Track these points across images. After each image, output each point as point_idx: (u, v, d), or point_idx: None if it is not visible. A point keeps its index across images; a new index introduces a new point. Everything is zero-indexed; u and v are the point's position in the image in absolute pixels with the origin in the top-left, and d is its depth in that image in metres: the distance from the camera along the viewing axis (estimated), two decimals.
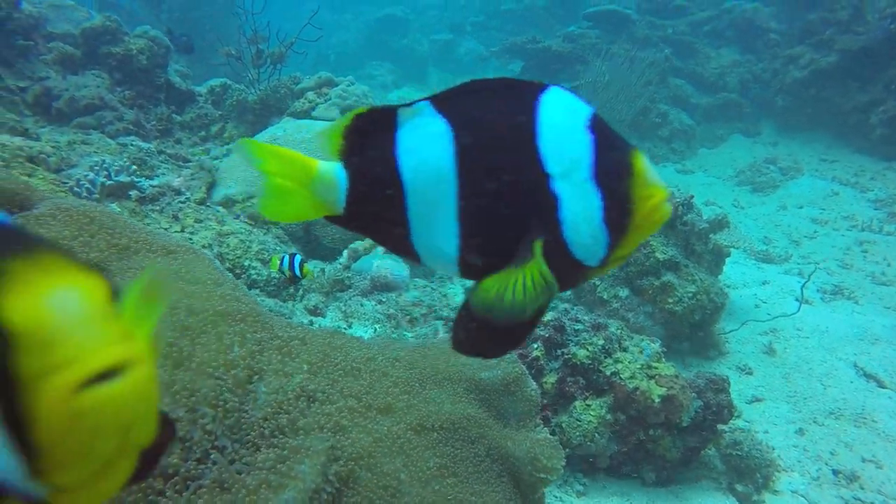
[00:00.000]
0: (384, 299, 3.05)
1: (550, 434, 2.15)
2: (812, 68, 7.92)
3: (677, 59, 10.07)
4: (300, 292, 3.26)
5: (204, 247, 3.02)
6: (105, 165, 2.81)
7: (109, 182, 2.71)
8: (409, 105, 0.82)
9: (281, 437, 1.54)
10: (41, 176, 2.84)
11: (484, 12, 16.26)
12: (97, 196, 2.69)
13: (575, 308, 2.68)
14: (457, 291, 3.68)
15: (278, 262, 2.63)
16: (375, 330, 2.88)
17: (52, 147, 3.67)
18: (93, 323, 0.43)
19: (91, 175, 2.66)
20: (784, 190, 7.21)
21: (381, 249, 3.51)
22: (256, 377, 1.65)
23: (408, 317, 2.96)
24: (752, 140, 9.45)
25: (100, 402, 0.42)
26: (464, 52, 15.73)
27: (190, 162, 4.60)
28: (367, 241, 3.56)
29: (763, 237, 5.97)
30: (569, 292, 4.21)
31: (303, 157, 0.90)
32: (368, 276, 3.12)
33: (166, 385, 1.49)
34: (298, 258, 2.77)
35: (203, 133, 5.27)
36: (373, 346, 2.08)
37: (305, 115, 4.67)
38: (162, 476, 1.29)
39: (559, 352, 2.48)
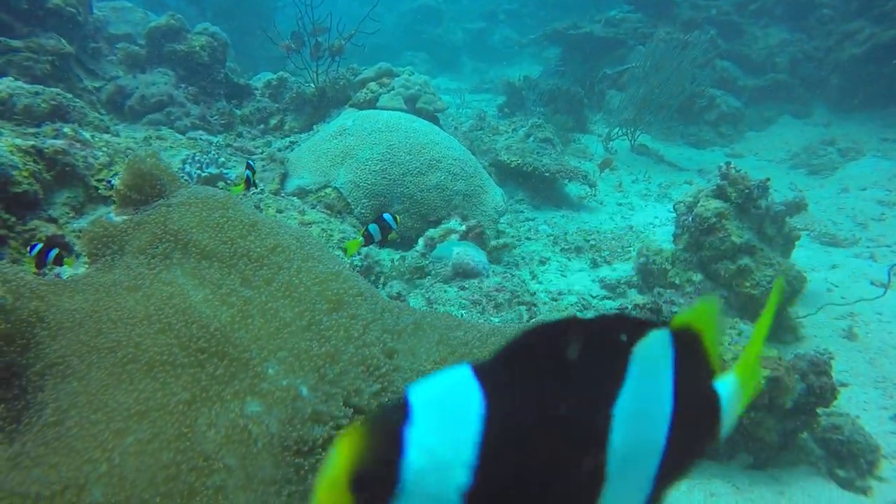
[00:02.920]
0: (466, 285, 3.07)
1: None
2: (872, 43, 7.61)
3: (722, 41, 9.80)
4: (381, 280, 3.30)
5: None
6: (196, 159, 2.89)
7: (203, 174, 2.79)
8: None
9: None
10: None
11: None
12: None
13: (668, 291, 2.65)
14: (547, 278, 3.68)
15: (360, 239, 2.66)
16: (462, 316, 2.90)
17: (134, 143, 3.79)
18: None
19: (188, 168, 2.74)
20: (844, 172, 6.97)
21: (456, 236, 3.53)
22: (394, 370, 1.69)
23: (493, 302, 2.97)
24: (803, 122, 9.17)
25: None
26: (497, 40, 15.61)
27: (254, 154, 4.70)
28: (442, 229, 3.59)
29: (827, 221, 5.80)
30: (635, 275, 4.17)
31: None
32: (450, 263, 3.14)
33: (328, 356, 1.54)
34: (387, 217, 2.75)
35: (262, 126, 5.36)
36: (482, 327, 2.11)
37: (369, 105, 4.70)
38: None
39: None
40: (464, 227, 3.56)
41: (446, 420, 0.53)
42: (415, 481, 0.51)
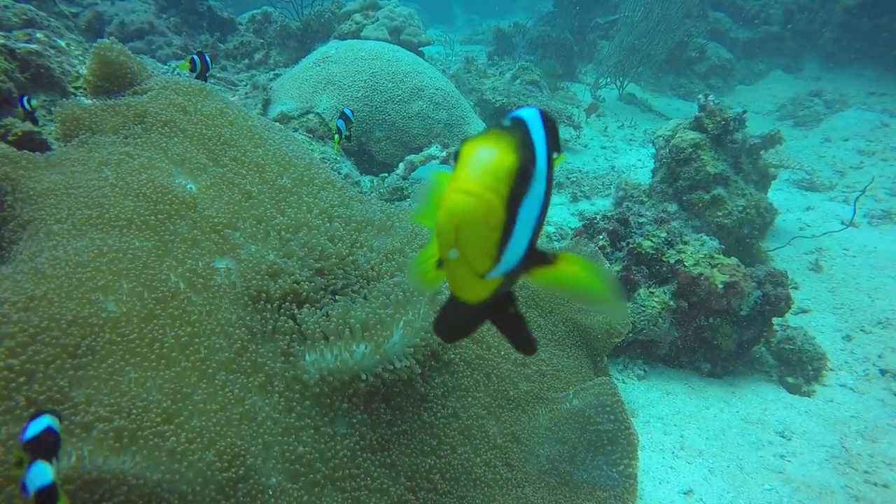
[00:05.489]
0: None
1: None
2: None
3: None
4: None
5: None
6: (179, 73, 2.88)
7: None
8: None
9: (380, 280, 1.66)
10: None
11: None
12: None
13: (636, 205, 2.74)
14: None
15: (336, 136, 2.74)
16: None
17: None
18: (483, 169, 0.65)
19: None
20: (828, 123, 7.02)
21: (436, 161, 3.58)
22: (357, 245, 1.76)
23: None
24: (794, 76, 9.14)
25: (448, 201, 0.64)
26: None
27: (238, 87, 4.67)
28: (423, 155, 3.63)
29: (805, 163, 5.88)
30: (612, 210, 4.28)
31: None
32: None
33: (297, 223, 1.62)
34: (346, 111, 2.83)
35: (247, 61, 5.30)
36: None
37: (353, 36, 4.66)
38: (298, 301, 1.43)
39: (623, 243, 2.56)
40: (444, 154, 3.61)
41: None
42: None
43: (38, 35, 2.64)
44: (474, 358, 1.70)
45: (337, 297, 1.53)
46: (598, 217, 2.61)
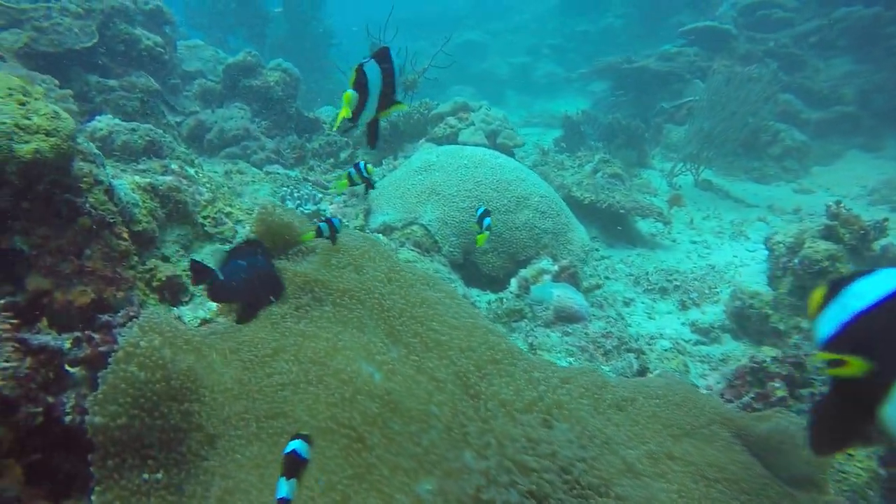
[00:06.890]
0: (570, 330, 2.89)
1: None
2: None
3: (783, 73, 9.58)
4: None
5: None
6: (295, 196, 2.83)
7: (306, 211, 2.72)
8: None
9: (599, 488, 1.39)
10: (238, 207, 2.89)
11: (561, 34, 16.23)
12: None
13: (805, 342, 2.43)
14: (634, 321, 3.45)
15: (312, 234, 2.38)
16: (570, 363, 2.72)
17: (219, 177, 3.79)
18: None
19: (289, 205, 2.68)
20: None
21: (549, 276, 3.37)
22: (552, 419, 1.53)
23: (601, 349, 2.78)
24: (874, 155, 8.79)
25: None
26: (541, 74, 15.70)
27: (328, 188, 4.67)
28: (534, 269, 3.43)
29: None
30: (727, 319, 3.93)
31: None
32: (551, 307, 2.97)
33: (482, 430, 1.39)
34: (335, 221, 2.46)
35: (332, 160, 5.36)
36: (627, 386, 1.93)
37: (447, 140, 4.64)
38: None
39: (803, 392, 2.23)
40: (556, 268, 3.41)
41: None
42: None
43: (173, 166, 2.64)
44: None
45: None
46: (768, 360, 2.30)
